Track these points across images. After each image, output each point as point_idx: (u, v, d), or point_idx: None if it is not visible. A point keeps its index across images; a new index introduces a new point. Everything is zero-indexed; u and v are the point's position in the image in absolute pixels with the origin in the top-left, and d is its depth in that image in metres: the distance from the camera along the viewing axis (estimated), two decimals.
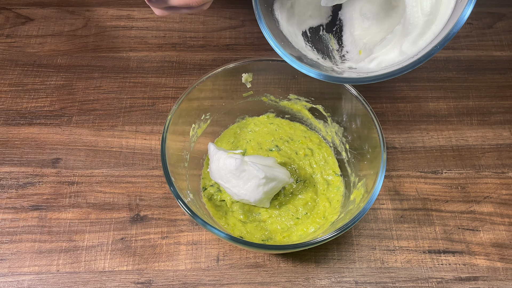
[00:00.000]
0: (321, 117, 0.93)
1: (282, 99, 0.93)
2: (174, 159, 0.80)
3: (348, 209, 0.81)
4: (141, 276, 0.83)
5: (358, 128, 0.85)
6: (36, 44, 1.11)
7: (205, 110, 0.89)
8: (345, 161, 0.91)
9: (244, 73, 0.88)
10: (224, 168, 0.80)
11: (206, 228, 0.72)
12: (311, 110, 0.93)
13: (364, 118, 0.83)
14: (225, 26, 1.16)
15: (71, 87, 1.04)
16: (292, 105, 0.94)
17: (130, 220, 0.89)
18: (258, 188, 0.80)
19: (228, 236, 0.71)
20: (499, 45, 1.13)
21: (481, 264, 0.85)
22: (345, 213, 0.81)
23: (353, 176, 0.87)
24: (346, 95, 0.84)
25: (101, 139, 0.98)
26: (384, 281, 0.84)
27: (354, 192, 0.84)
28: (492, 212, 0.91)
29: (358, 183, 0.84)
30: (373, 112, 0.81)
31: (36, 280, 0.83)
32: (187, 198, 0.77)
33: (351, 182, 0.87)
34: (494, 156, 0.97)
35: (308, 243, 0.72)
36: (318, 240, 0.72)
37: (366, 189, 0.79)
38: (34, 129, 0.98)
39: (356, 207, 0.78)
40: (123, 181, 0.93)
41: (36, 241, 0.86)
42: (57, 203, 0.90)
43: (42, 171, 0.93)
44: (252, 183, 0.80)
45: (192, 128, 0.86)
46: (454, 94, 1.06)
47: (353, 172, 0.88)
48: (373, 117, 0.80)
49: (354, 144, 0.88)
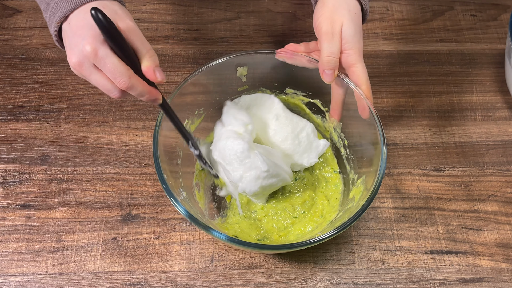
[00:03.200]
0: (319, 112, 0.92)
1: (278, 93, 0.93)
2: (166, 156, 0.79)
3: (347, 207, 0.81)
4: (133, 277, 0.83)
5: (358, 124, 0.84)
6: (23, 37, 1.10)
7: (199, 105, 0.88)
8: (344, 158, 0.90)
9: (239, 66, 0.88)
10: (231, 149, 0.80)
11: (199, 228, 0.71)
12: (309, 104, 0.93)
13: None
14: (220, 18, 1.15)
15: (60, 81, 1.04)
16: (288, 99, 0.93)
17: (121, 219, 0.88)
18: (257, 180, 0.80)
19: (222, 235, 0.71)
20: (504, 38, 1.13)
21: (485, 265, 0.85)
22: (344, 211, 0.81)
23: (352, 173, 0.87)
24: (347, 91, 0.84)
25: (91, 135, 0.97)
26: (385, 282, 0.83)
27: (354, 189, 0.84)
28: (497, 211, 0.90)
29: (357, 180, 0.84)
30: (373, 107, 0.80)
31: (23, 282, 0.82)
32: (180, 197, 0.77)
33: (350, 179, 0.87)
34: (499, 153, 0.97)
35: (306, 243, 0.71)
36: (316, 240, 0.71)
37: (365, 186, 0.79)
38: (22, 125, 0.98)
39: (356, 205, 0.77)
40: (114, 178, 0.92)
41: (24, 241, 0.86)
42: (46, 201, 0.90)
43: (30, 168, 0.93)
44: (252, 173, 0.80)
45: (185, 123, 0.86)
46: (457, 89, 1.05)
47: (352, 169, 0.87)
48: (372, 112, 0.80)
49: (353, 140, 0.88)
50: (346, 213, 0.79)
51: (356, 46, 0.80)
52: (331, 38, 0.79)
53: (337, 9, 0.80)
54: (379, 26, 1.15)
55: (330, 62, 0.79)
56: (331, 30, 0.79)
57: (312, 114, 0.93)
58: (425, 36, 1.13)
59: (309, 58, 0.85)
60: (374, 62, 1.09)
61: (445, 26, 1.15)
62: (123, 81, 0.66)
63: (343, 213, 0.81)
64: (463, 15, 1.17)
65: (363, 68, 0.81)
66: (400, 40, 1.13)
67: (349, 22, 0.79)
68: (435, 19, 1.16)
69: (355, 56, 0.80)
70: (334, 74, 0.80)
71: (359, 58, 0.80)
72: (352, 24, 0.80)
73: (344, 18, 0.79)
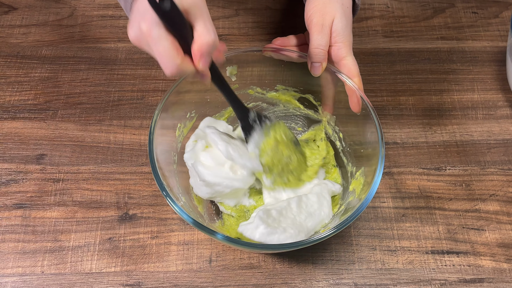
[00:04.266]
0: (311, 106, 0.92)
1: (269, 91, 0.93)
2: (163, 156, 0.79)
3: (348, 200, 0.81)
4: (130, 278, 0.83)
5: (351, 115, 0.84)
6: (19, 34, 1.10)
7: (190, 106, 0.87)
8: (339, 151, 0.90)
9: (228, 66, 0.87)
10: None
11: (205, 233, 0.71)
12: (301, 100, 0.92)
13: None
14: (218, 15, 1.15)
15: (56, 79, 1.04)
16: (279, 96, 0.93)
17: (118, 219, 0.88)
18: (201, 187, 0.80)
19: (220, 235, 0.71)
20: (505, 36, 1.13)
21: (486, 265, 0.85)
22: (346, 205, 0.81)
23: (350, 166, 0.87)
24: (338, 84, 0.84)
25: (87, 134, 0.97)
26: (385, 283, 0.83)
27: (353, 182, 0.84)
28: (498, 210, 0.90)
29: (356, 172, 0.84)
30: (365, 96, 0.80)
31: (19, 282, 0.82)
32: (180, 202, 0.76)
33: (348, 172, 0.87)
34: (500, 152, 0.97)
35: (306, 242, 0.71)
36: (316, 238, 0.71)
37: (365, 179, 0.79)
38: (18, 124, 0.97)
39: (357, 198, 0.77)
40: (111, 178, 0.92)
41: (20, 241, 0.86)
42: (42, 201, 0.89)
43: (26, 167, 0.93)
44: (195, 181, 0.81)
45: (178, 127, 0.85)
46: (458, 87, 1.05)
47: (350, 161, 0.87)
48: (365, 101, 0.79)
49: (348, 132, 0.88)
50: (348, 206, 0.79)
51: (347, 39, 0.80)
52: (320, 30, 0.79)
53: (330, 2, 0.81)
54: (379, 23, 1.14)
55: (318, 55, 0.80)
56: (322, 22, 0.79)
57: (305, 109, 0.93)
58: (426, 34, 1.13)
59: (297, 52, 0.85)
60: (374, 60, 1.08)
61: (446, 23, 1.15)
62: (170, 66, 0.65)
63: (345, 206, 0.81)
64: (464, 12, 1.17)
65: (353, 61, 0.81)
66: (401, 37, 1.12)
67: (341, 16, 0.80)
68: (436, 17, 1.16)
69: (346, 49, 0.80)
70: (322, 67, 0.81)
71: (349, 51, 0.81)
72: (344, 17, 0.80)
73: (336, 12, 0.80)
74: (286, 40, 0.89)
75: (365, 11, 1.16)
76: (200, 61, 0.66)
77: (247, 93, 0.93)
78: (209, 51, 0.66)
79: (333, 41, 0.80)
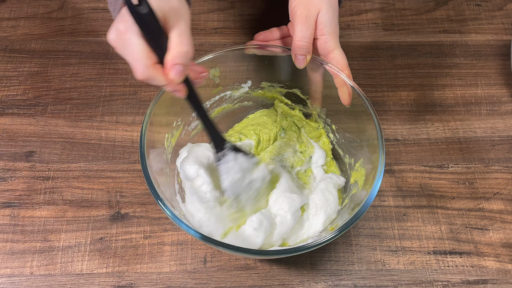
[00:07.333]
0: (299, 101, 0.92)
1: (254, 89, 0.92)
2: (155, 157, 0.78)
3: (352, 193, 0.81)
4: (122, 279, 0.82)
5: (340, 104, 0.83)
6: (8, 28, 1.10)
7: (176, 115, 0.85)
8: (334, 143, 0.90)
9: (210, 68, 0.85)
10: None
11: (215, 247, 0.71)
12: (288, 95, 0.92)
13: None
14: (213, 8, 1.14)
15: (46, 74, 1.03)
16: (265, 93, 0.92)
17: (110, 219, 0.88)
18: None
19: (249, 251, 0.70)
20: (510, 29, 1.13)
21: (490, 266, 0.85)
22: (349, 198, 0.81)
23: (347, 158, 0.87)
24: (326, 74, 0.83)
25: (78, 130, 0.96)
26: (386, 284, 0.83)
27: (354, 174, 0.83)
28: (503, 209, 0.90)
29: (355, 164, 0.83)
30: (356, 85, 0.80)
31: (8, 284, 0.82)
32: (176, 210, 0.74)
33: (346, 164, 0.87)
34: (505, 149, 0.96)
35: (307, 247, 0.69)
36: (318, 243, 0.69)
37: (366, 170, 0.79)
38: (6, 120, 0.97)
39: (361, 190, 0.77)
40: (103, 176, 0.92)
41: (8, 241, 0.85)
42: (31, 200, 0.89)
43: (14, 165, 0.92)
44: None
45: (166, 138, 0.84)
46: (461, 82, 1.05)
47: (346, 153, 0.87)
48: (356, 89, 0.79)
49: (342, 123, 0.88)
50: (352, 199, 0.79)
51: (334, 31, 0.80)
52: (304, 21, 0.79)
53: None
54: (380, 16, 1.14)
55: (302, 48, 0.79)
56: (306, 13, 0.79)
57: (293, 105, 0.92)
58: (428, 27, 1.13)
59: (280, 47, 0.84)
60: (374, 54, 1.08)
61: (448, 16, 1.15)
62: (139, 69, 0.65)
63: (349, 200, 0.80)
64: (467, 4, 1.16)
65: (342, 54, 0.81)
66: (402, 31, 1.12)
67: (327, 7, 0.80)
68: (438, 9, 1.16)
69: (333, 41, 0.80)
70: (307, 60, 0.80)
71: (337, 44, 0.81)
72: (331, 9, 0.80)
73: (322, 3, 0.80)
74: (268, 34, 0.88)
75: (365, 4, 1.15)
76: (171, 71, 0.65)
77: (232, 94, 0.92)
78: (183, 62, 0.65)
79: (319, 34, 0.80)
